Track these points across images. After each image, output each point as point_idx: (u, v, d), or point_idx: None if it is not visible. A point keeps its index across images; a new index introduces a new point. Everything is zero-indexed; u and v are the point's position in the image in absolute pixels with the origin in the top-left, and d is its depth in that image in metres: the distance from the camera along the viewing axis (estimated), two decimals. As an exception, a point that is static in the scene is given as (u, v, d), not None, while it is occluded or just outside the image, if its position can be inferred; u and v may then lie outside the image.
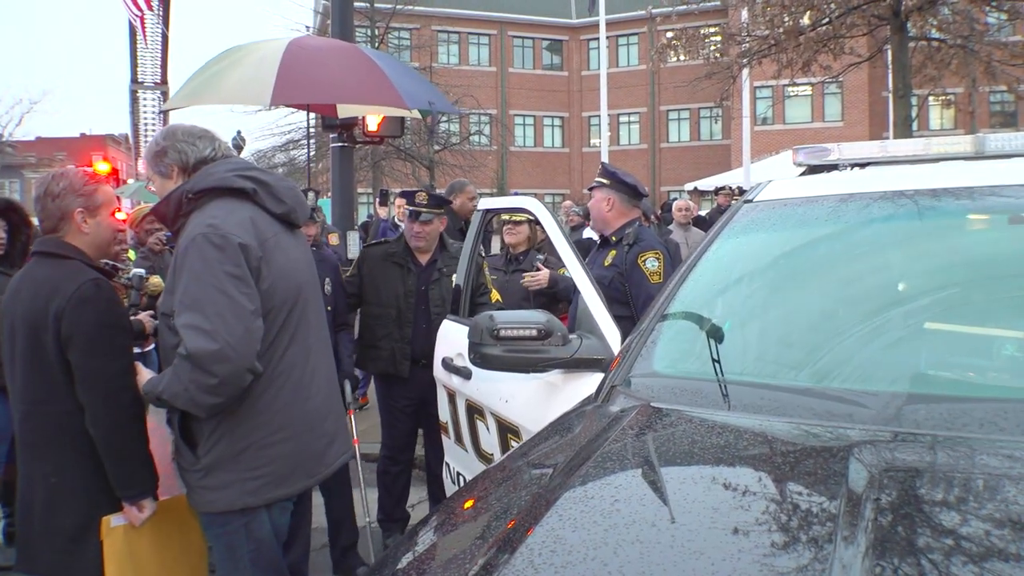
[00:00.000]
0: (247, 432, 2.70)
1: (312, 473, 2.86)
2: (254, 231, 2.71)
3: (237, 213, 2.72)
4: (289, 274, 2.80)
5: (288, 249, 2.85)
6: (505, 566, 1.44)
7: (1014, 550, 1.33)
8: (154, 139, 2.93)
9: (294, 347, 2.80)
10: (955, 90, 19.56)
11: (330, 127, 8.39)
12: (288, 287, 2.78)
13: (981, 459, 1.70)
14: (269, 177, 2.88)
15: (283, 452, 2.75)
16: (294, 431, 2.77)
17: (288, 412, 2.76)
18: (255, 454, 2.71)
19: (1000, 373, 2.18)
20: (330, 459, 2.92)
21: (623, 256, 4.50)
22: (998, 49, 14.69)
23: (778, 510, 1.57)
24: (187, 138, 2.86)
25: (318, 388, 2.89)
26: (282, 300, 2.76)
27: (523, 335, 2.77)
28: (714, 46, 16.56)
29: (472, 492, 2.02)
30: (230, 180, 2.76)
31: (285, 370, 2.76)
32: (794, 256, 2.76)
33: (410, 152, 26.64)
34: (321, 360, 2.96)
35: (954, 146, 2.98)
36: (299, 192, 2.99)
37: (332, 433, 2.94)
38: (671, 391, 2.28)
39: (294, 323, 2.81)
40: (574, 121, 46.64)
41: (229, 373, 2.55)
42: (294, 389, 2.78)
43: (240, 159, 2.98)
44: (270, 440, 2.72)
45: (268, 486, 2.73)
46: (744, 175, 22.30)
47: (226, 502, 2.73)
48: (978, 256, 2.57)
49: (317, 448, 2.86)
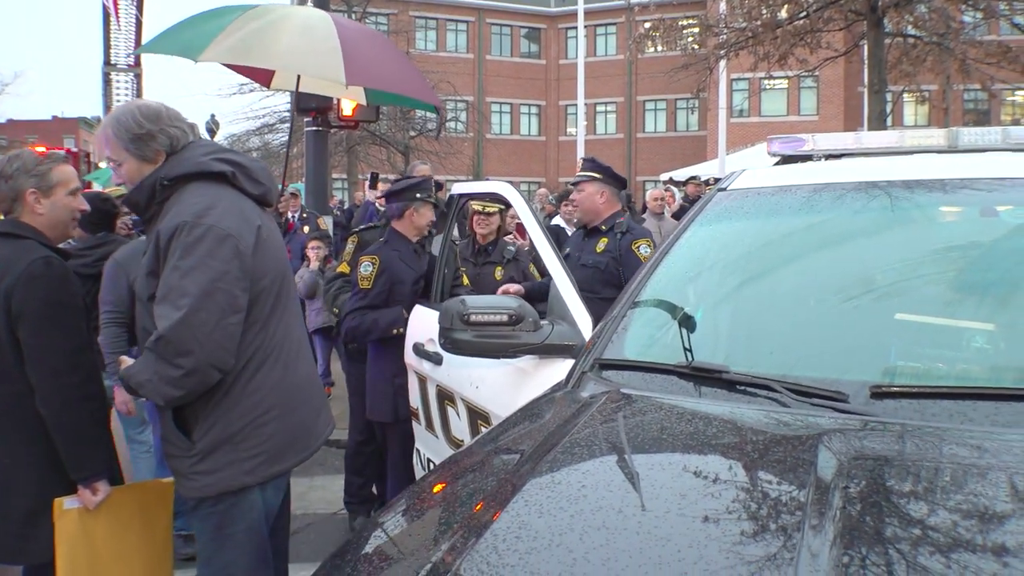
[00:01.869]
0: (244, 412, 2.66)
1: (305, 446, 2.83)
2: (242, 217, 2.66)
3: (222, 200, 2.65)
4: (275, 254, 2.80)
5: (272, 229, 2.85)
6: (470, 550, 1.42)
7: (980, 540, 1.33)
8: (132, 118, 2.70)
9: (282, 324, 2.78)
10: (930, 87, 19.67)
11: (305, 111, 8.32)
12: (275, 267, 2.77)
13: (949, 449, 1.70)
14: (244, 159, 2.83)
15: (278, 428, 2.72)
16: (287, 406, 2.75)
17: (281, 388, 2.74)
18: (251, 433, 2.66)
19: (969, 364, 2.19)
20: (319, 431, 2.91)
21: (616, 243, 4.80)
22: (973, 47, 14.81)
23: (747, 498, 1.56)
24: (173, 122, 2.75)
25: (304, 361, 2.89)
26: (272, 280, 2.73)
27: (494, 320, 2.76)
28: (692, 37, 16.57)
29: (440, 477, 2.00)
30: (208, 164, 2.69)
31: (276, 347, 2.74)
32: (766, 244, 2.75)
33: (385, 137, 26.49)
34: (302, 333, 2.99)
35: (928, 139, 2.99)
36: (271, 173, 2.96)
37: (319, 405, 2.94)
38: (641, 377, 2.27)
39: (282, 301, 2.80)
40: (551, 109, 46.60)
41: (193, 367, 2.49)
42: (284, 365, 2.76)
43: (210, 142, 2.92)
44: (265, 418, 2.69)
45: (264, 464, 2.69)
46: (719, 166, 22.35)
47: (223, 484, 2.66)
48: (949, 248, 2.57)
49: (308, 421, 2.85)
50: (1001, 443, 1.70)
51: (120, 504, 2.93)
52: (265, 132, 28.28)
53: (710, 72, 16.13)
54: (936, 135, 2.97)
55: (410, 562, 1.52)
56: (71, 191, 3.06)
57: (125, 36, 28.87)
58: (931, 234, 2.63)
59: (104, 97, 28.77)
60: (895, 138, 3.05)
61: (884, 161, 2.93)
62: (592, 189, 4.89)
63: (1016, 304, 2.30)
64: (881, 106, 13.70)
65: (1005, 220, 2.58)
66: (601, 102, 44.72)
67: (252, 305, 2.66)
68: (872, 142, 3.11)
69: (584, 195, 4.91)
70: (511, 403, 2.68)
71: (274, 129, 28.09)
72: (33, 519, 2.81)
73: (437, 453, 3.81)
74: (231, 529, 2.71)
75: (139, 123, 2.70)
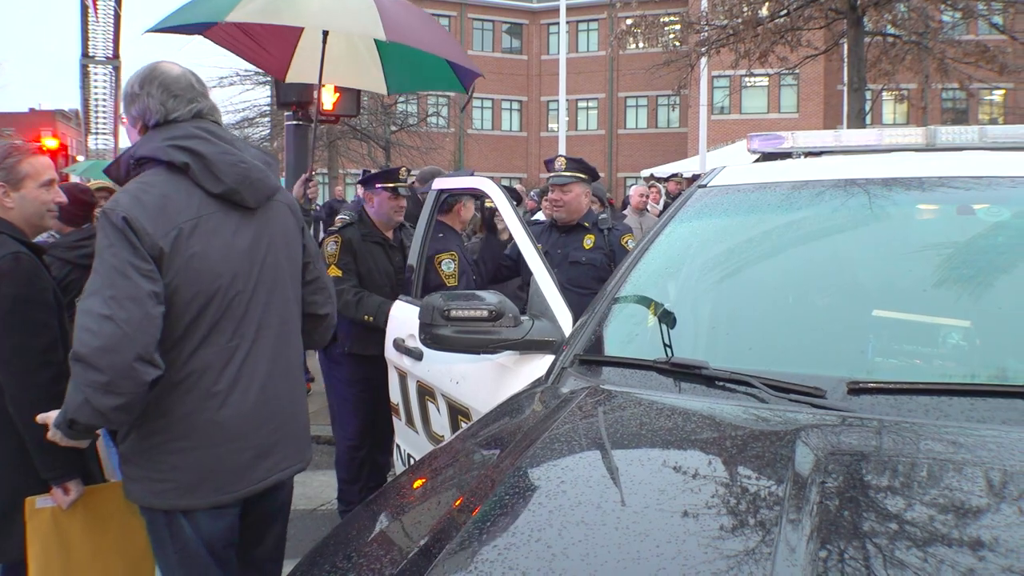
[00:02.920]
0: (151, 432, 2.47)
1: (226, 489, 2.51)
2: (160, 215, 2.36)
3: (153, 190, 2.40)
4: (209, 267, 2.43)
5: (218, 234, 2.47)
6: (450, 545, 1.42)
7: (956, 534, 1.34)
8: (134, 76, 2.57)
9: (207, 349, 2.46)
10: (908, 86, 19.83)
11: (285, 105, 8.26)
12: (202, 281, 2.42)
13: (926, 444, 1.72)
14: (211, 149, 2.48)
15: (186, 462, 2.47)
16: (199, 442, 2.47)
17: (190, 421, 2.45)
18: (158, 457, 2.47)
19: (945, 360, 2.21)
20: (258, 475, 2.57)
21: (604, 239, 4.89)
22: (951, 47, 14.94)
23: (725, 493, 1.57)
24: (160, 93, 2.51)
25: (243, 394, 2.52)
26: (189, 296, 2.41)
27: (474, 316, 2.75)
28: (673, 34, 16.63)
29: (420, 472, 2.00)
30: (161, 151, 2.45)
31: (191, 375, 2.44)
32: (745, 241, 2.77)
33: (366, 132, 26.41)
34: (259, 360, 2.57)
35: (906, 137, 3.02)
36: (251, 168, 2.55)
37: (265, 446, 2.58)
38: (621, 373, 2.28)
39: (208, 322, 2.45)
40: (532, 105, 46.58)
41: (122, 364, 2.24)
42: (200, 397, 2.45)
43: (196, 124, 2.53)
44: (172, 447, 2.46)
45: (172, 492, 2.48)
46: (700, 163, 22.44)
47: (137, 497, 2.54)
48: (926, 246, 2.59)
49: (235, 462, 2.52)
50: (976, 438, 1.72)
51: (97, 503, 2.88)
52: (245, 126, 28.10)
53: (691, 69, 16.18)
54: (914, 133, 2.99)
55: (389, 557, 1.52)
56: (43, 183, 2.98)
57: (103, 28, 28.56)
58: (909, 232, 2.65)
59: (82, 90, 28.42)
60: (874, 136, 3.07)
61: (863, 159, 2.96)
62: (579, 190, 4.96)
63: (991, 301, 2.33)
64: (860, 104, 13.78)
65: (981, 218, 2.60)
66: (583, 98, 44.74)
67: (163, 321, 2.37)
68: (851, 140, 3.13)
69: (572, 196, 4.93)
70: (491, 399, 2.69)
71: (254, 123, 27.91)
72: (8, 517, 2.78)
73: (417, 448, 3.81)
74: (163, 547, 2.58)
75: (132, 83, 2.55)
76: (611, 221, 5.04)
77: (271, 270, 2.61)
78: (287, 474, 2.69)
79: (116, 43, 27.76)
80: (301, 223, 2.85)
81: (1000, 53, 14.78)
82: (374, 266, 4.91)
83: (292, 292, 2.73)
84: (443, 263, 4.69)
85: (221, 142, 2.54)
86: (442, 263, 4.69)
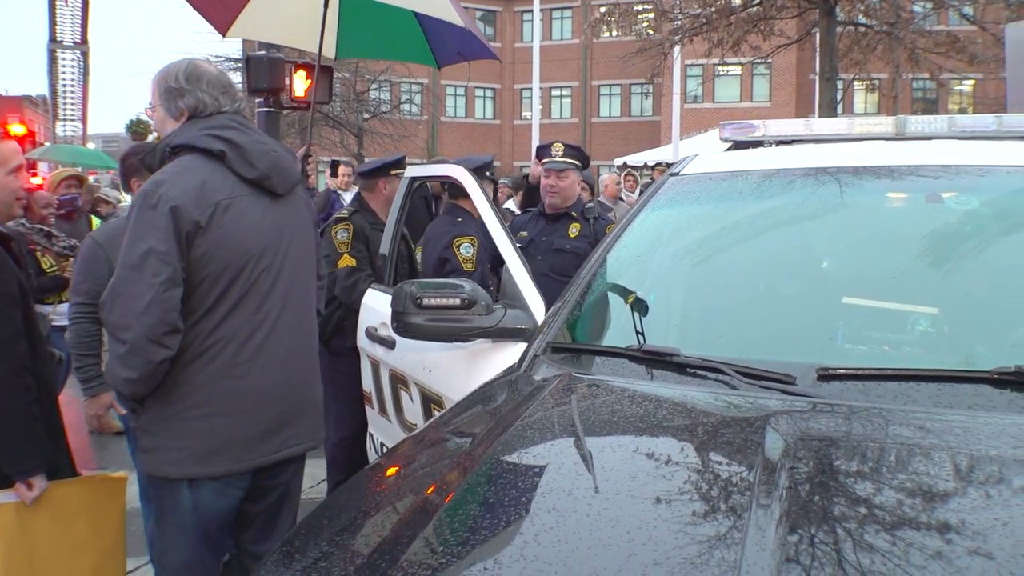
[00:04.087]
0: (172, 400, 2.58)
1: (240, 459, 2.64)
2: (199, 194, 2.54)
3: (191, 174, 2.57)
4: (240, 240, 2.60)
5: (248, 214, 2.64)
6: (422, 533, 1.42)
7: (924, 518, 1.36)
8: (172, 73, 2.72)
9: (233, 320, 2.61)
10: (880, 75, 20.01)
11: (256, 92, 8.19)
12: (233, 253, 2.58)
13: (894, 430, 1.74)
14: (245, 139, 2.67)
15: (203, 429, 2.59)
16: (218, 409, 2.60)
17: (211, 389, 2.59)
18: (177, 425, 2.59)
19: (913, 347, 2.23)
20: (271, 447, 2.70)
21: (590, 228, 4.83)
22: (922, 37, 15.10)
23: (696, 479, 1.58)
24: (211, 88, 2.71)
25: (264, 368, 2.66)
26: (221, 267, 2.57)
27: (447, 304, 2.74)
28: (646, 23, 16.66)
29: (392, 461, 2.00)
30: (199, 139, 2.62)
31: (217, 343, 2.59)
32: (717, 229, 2.78)
33: (339, 119, 26.25)
34: (282, 337, 2.72)
35: (876, 126, 3.04)
36: (281, 157, 2.76)
37: (280, 420, 2.72)
38: (593, 361, 2.28)
39: (236, 293, 2.61)
40: (506, 93, 46.48)
41: (133, 342, 2.44)
42: (223, 366, 2.59)
43: (230, 117, 2.74)
44: (191, 414, 2.58)
45: (188, 460, 2.59)
46: (673, 152, 22.50)
47: (153, 467, 2.65)
48: (896, 233, 2.62)
49: (249, 433, 2.65)
50: (944, 423, 1.74)
51: (64, 499, 2.82)
52: (216, 113, 27.81)
53: (664, 58, 16.25)
54: (885, 123, 3.02)
55: (361, 545, 1.51)
56: (11, 170, 2.91)
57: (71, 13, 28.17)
58: (878, 220, 2.68)
59: (49, 75, 28.02)
60: (845, 125, 3.09)
61: (834, 147, 2.97)
62: (575, 177, 4.93)
63: (959, 288, 2.35)
64: (832, 93, 13.89)
65: (950, 206, 2.63)
66: (556, 86, 44.70)
67: (192, 291, 2.54)
68: (822, 129, 3.15)
69: (569, 183, 4.89)
70: (464, 387, 2.68)
71: (225, 110, 27.67)
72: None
73: (390, 437, 3.80)
74: (165, 519, 2.68)
75: (177, 78, 2.71)
76: (597, 210, 5.00)
77: (294, 254, 2.78)
78: (298, 450, 2.81)
79: (84, 28, 27.38)
80: (315, 218, 3.02)
81: (970, 43, 14.97)
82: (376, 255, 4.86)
83: (311, 278, 2.90)
84: (462, 247, 4.54)
85: (253, 132, 2.75)
86: (461, 247, 4.54)
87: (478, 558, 1.34)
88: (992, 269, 2.40)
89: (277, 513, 2.89)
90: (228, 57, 26.58)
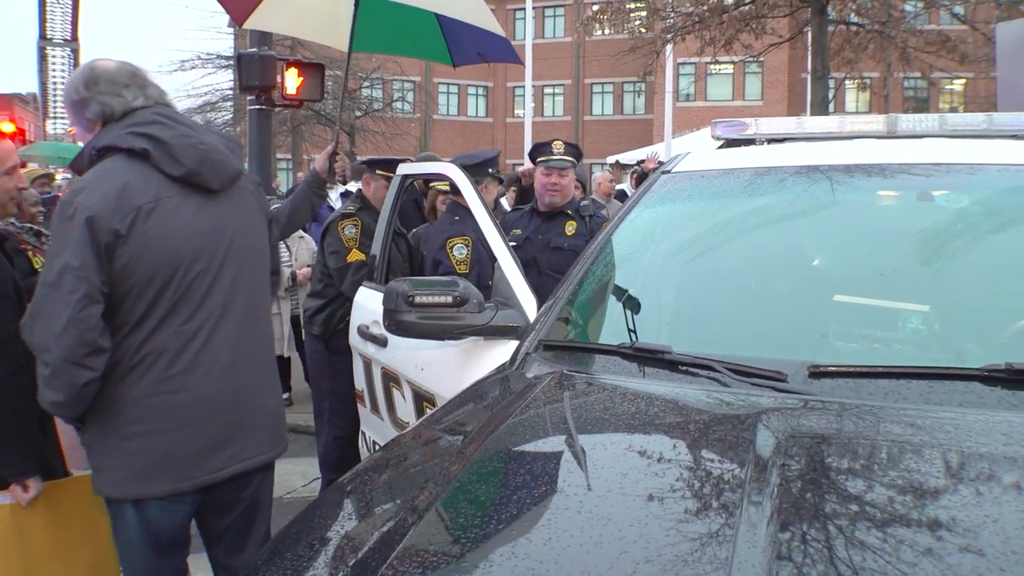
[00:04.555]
0: (107, 417, 2.45)
1: (182, 477, 2.47)
2: (119, 200, 2.36)
3: (111, 179, 2.41)
4: (167, 245, 2.42)
5: (177, 216, 2.45)
6: (413, 530, 1.42)
7: (915, 515, 1.36)
8: (73, 83, 2.58)
9: (165, 330, 2.43)
10: (871, 74, 20.11)
11: (248, 89, 8.18)
12: (160, 260, 2.40)
13: (885, 427, 1.74)
14: (170, 133, 2.48)
15: (140, 447, 2.43)
16: (154, 425, 2.43)
17: (145, 404, 2.43)
18: (115, 443, 2.45)
19: (904, 344, 2.24)
20: (217, 463, 2.53)
21: (585, 226, 4.81)
22: (913, 36, 15.15)
23: (688, 476, 1.58)
24: (110, 88, 2.51)
25: (203, 379, 2.48)
26: (148, 276, 2.39)
27: (438, 302, 2.74)
28: (639, 21, 16.66)
29: (384, 459, 1.99)
30: (121, 139, 2.46)
31: (148, 356, 2.42)
32: (709, 227, 2.78)
33: (330, 117, 26.20)
34: (222, 345, 2.53)
35: (867, 125, 3.04)
36: (212, 150, 2.54)
37: (227, 433, 2.54)
38: (585, 358, 2.28)
39: (167, 302, 2.43)
40: (498, 91, 46.46)
41: (54, 365, 2.31)
42: (156, 380, 2.43)
43: (155, 111, 2.54)
44: (127, 431, 2.43)
45: (127, 480, 2.45)
46: (665, 150, 22.51)
47: (96, 486, 2.53)
48: (887, 231, 2.62)
49: (191, 449, 2.48)
50: (934, 421, 1.74)
51: (58, 499, 2.81)
52: (207, 110, 27.77)
53: (657, 56, 16.26)
54: (876, 121, 3.02)
55: (353, 543, 1.51)
56: (6, 170, 2.88)
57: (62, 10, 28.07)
58: (869, 218, 2.68)
59: (40, 73, 27.95)
60: (836, 123, 3.10)
61: (825, 146, 2.98)
62: (573, 175, 4.93)
63: (950, 286, 2.36)
64: (824, 92, 13.92)
65: (940, 204, 2.63)
66: (549, 84, 44.70)
67: (119, 304, 2.39)
68: (813, 127, 3.15)
69: (569, 180, 4.88)
70: (456, 385, 2.68)
71: (216, 107, 27.59)
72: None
73: (382, 435, 3.80)
74: (117, 537, 2.57)
75: (77, 90, 2.55)
76: (593, 208, 4.99)
77: (237, 254, 2.59)
78: (250, 464, 2.62)
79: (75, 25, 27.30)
80: (266, 210, 2.82)
81: (961, 43, 15.02)
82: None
83: (260, 277, 2.71)
84: (455, 248, 4.44)
85: (180, 125, 2.54)
86: (454, 248, 4.44)
87: (469, 555, 1.34)
88: (982, 267, 2.41)
89: (248, 526, 2.74)
90: (220, 55, 26.54)
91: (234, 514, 2.69)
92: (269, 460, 2.71)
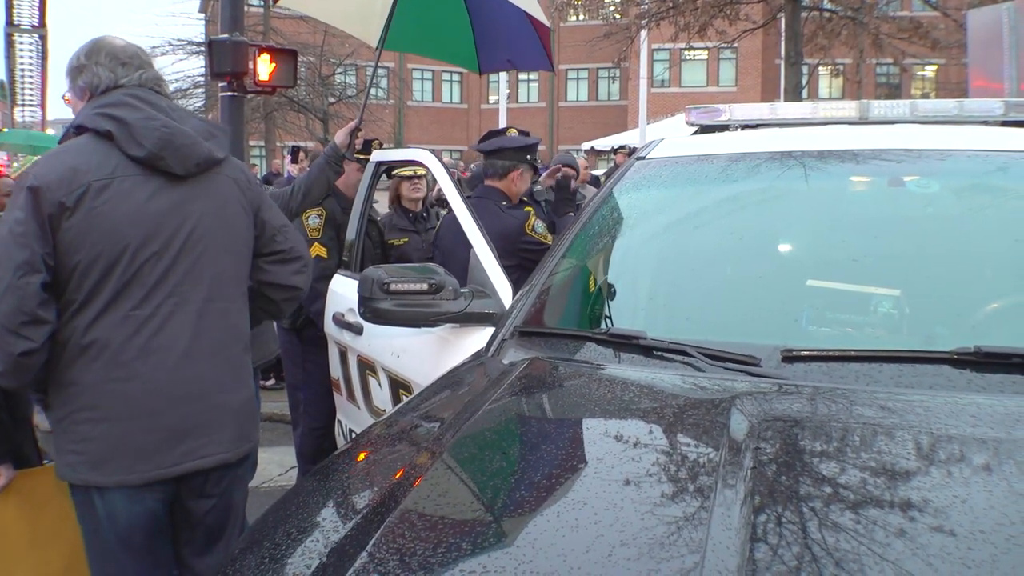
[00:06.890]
0: (63, 401, 2.41)
1: (131, 468, 2.39)
2: (70, 175, 2.34)
3: (70, 153, 2.40)
4: (115, 225, 2.36)
5: (131, 197, 2.39)
6: (390, 518, 1.42)
7: (887, 497, 1.38)
8: (77, 51, 2.57)
9: (113, 315, 2.37)
10: (844, 60, 20.19)
11: (220, 76, 8.08)
12: (105, 239, 2.35)
13: (857, 410, 1.76)
14: (136, 115, 2.43)
15: (93, 434, 2.38)
16: (107, 413, 2.38)
17: (98, 391, 2.37)
18: (70, 427, 2.41)
19: (876, 328, 2.26)
20: (171, 459, 2.43)
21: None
22: (886, 23, 15.25)
23: (662, 460, 1.59)
24: (109, 61, 2.50)
25: (155, 368, 2.40)
26: (92, 255, 2.34)
27: (414, 289, 2.73)
28: (613, 7, 16.66)
29: (361, 446, 1.99)
30: (89, 119, 2.44)
31: (96, 341, 2.37)
32: (683, 213, 2.79)
33: (304, 104, 25.99)
34: (178, 334, 2.44)
35: (840, 111, 3.07)
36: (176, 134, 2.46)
37: (182, 428, 2.44)
38: (560, 344, 2.29)
39: (113, 284, 2.37)
40: (473, 77, 45.98)
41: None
42: (107, 365, 2.36)
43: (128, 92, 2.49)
44: (80, 416, 2.39)
45: (82, 465, 2.40)
46: (640, 136, 22.57)
47: (57, 471, 2.49)
48: (859, 216, 2.65)
49: (143, 442, 2.40)
50: (906, 403, 1.76)
51: (31, 487, 2.78)
52: (179, 97, 27.46)
53: (631, 42, 16.25)
54: (848, 107, 3.04)
55: (330, 531, 1.51)
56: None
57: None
58: (841, 203, 2.70)
59: (7, 60, 27.53)
60: (809, 109, 3.12)
61: (798, 131, 3.00)
62: None
63: (920, 271, 2.39)
64: (797, 78, 13.98)
65: (911, 190, 2.66)
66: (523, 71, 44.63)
67: (65, 282, 2.35)
68: (787, 113, 3.17)
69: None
70: (433, 372, 2.68)
71: (188, 94, 27.24)
72: None
73: (359, 423, 3.79)
74: (83, 528, 2.51)
75: (78, 57, 2.54)
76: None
77: (199, 241, 2.50)
78: (207, 463, 2.50)
79: (42, 11, 26.91)
80: (254, 199, 2.71)
81: (932, 29, 15.12)
82: None
83: (230, 267, 2.60)
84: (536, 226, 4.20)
85: (148, 107, 2.48)
86: (535, 227, 4.20)
87: (445, 542, 1.35)
88: (953, 252, 2.44)
89: (219, 525, 2.65)
90: (191, 41, 26.23)
91: (199, 514, 2.60)
92: (228, 460, 2.56)
